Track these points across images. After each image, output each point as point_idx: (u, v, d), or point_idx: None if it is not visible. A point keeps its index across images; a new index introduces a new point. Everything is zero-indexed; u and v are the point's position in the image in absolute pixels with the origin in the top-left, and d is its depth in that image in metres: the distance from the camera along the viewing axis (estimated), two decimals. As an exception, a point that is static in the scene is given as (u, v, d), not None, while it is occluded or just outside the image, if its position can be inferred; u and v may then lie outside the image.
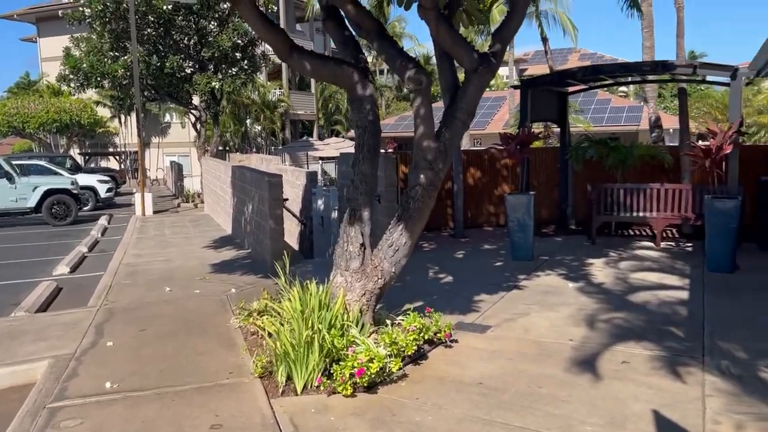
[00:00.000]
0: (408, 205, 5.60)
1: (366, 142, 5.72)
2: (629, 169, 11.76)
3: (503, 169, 12.84)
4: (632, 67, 9.08)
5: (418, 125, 5.58)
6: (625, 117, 31.15)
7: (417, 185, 5.59)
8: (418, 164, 5.60)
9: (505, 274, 8.66)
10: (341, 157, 12.72)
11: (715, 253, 8.33)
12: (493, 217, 12.90)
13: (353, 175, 5.74)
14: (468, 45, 5.68)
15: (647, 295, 7.40)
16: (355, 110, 5.76)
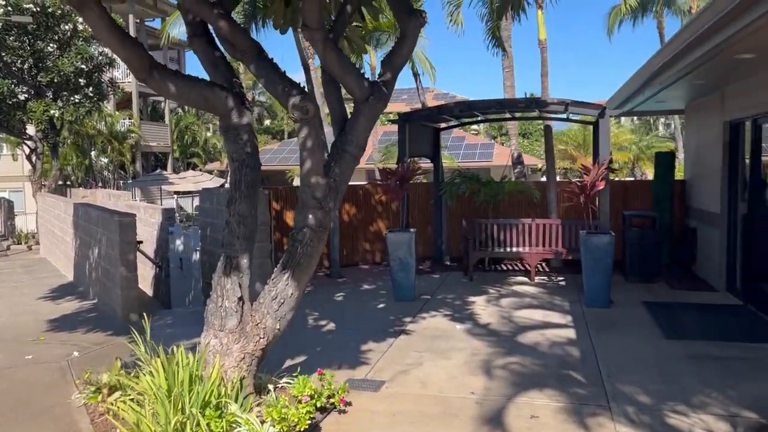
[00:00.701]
0: (295, 250, 4.86)
1: (243, 177, 4.94)
2: (500, 204, 11.87)
3: (378, 204, 12.44)
4: (507, 103, 9.13)
5: (304, 159, 4.90)
6: (479, 153, 32.71)
7: (305, 227, 4.88)
8: (306, 203, 4.91)
9: (390, 317, 8.12)
10: (203, 193, 11.63)
11: (593, 288, 8.40)
12: (368, 254, 12.41)
13: (229, 215, 4.91)
14: (358, 72, 5.13)
15: (536, 335, 7.19)
16: (230, 141, 4.96)
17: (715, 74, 7.74)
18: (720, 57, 6.35)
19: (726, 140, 9.17)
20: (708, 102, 9.92)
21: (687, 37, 6.08)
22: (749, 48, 6.08)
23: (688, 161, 11.57)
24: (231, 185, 4.98)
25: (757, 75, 7.72)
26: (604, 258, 8.29)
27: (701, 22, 5.72)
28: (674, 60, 6.77)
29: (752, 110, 8.06)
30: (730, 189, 9.16)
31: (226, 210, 4.93)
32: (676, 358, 6.18)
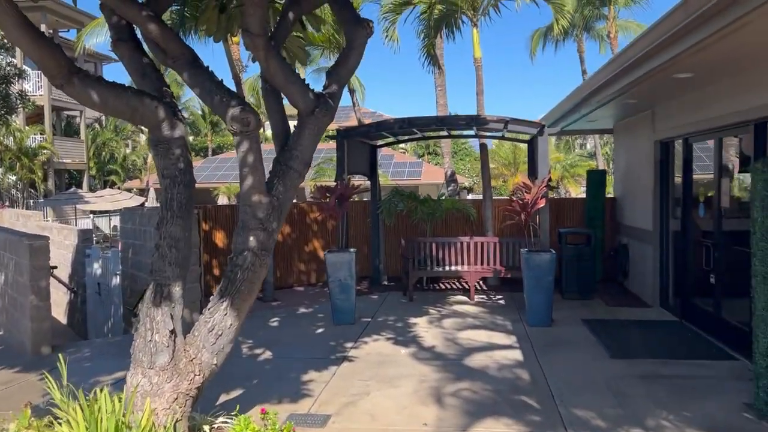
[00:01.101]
0: (234, 275, 4.42)
1: (176, 196, 4.47)
2: (437, 222, 11.73)
3: (313, 223, 12.02)
4: (448, 120, 9.00)
5: (245, 176, 4.48)
6: (408, 172, 32.87)
7: (246, 250, 4.45)
8: (247, 224, 4.48)
9: (330, 342, 7.71)
10: (125, 213, 10.87)
11: (535, 307, 8.31)
12: (303, 275, 11.95)
13: (159, 238, 4.42)
14: (303, 83, 4.78)
15: (483, 357, 6.98)
16: (160, 156, 4.49)
17: (650, 93, 7.88)
18: (660, 75, 6.42)
19: (657, 159, 9.37)
20: (638, 121, 10.16)
21: (631, 55, 6.10)
22: (688, 68, 6.17)
23: (618, 179, 11.83)
24: (162, 204, 4.50)
25: (686, 96, 7.92)
26: (545, 276, 8.23)
27: (646, 41, 5.74)
28: (617, 78, 6.81)
29: (682, 130, 8.25)
30: (662, 207, 9.35)
31: (155, 232, 4.44)
32: (625, 378, 6.09)
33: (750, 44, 5.37)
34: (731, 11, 4.33)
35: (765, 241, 4.96)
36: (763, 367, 5.03)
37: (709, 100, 7.25)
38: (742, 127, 6.62)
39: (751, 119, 6.29)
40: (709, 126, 7.30)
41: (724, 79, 6.67)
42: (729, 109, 6.70)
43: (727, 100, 6.71)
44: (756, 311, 5.08)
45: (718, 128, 7.19)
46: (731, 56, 5.76)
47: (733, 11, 4.32)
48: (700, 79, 6.58)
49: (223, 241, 11.33)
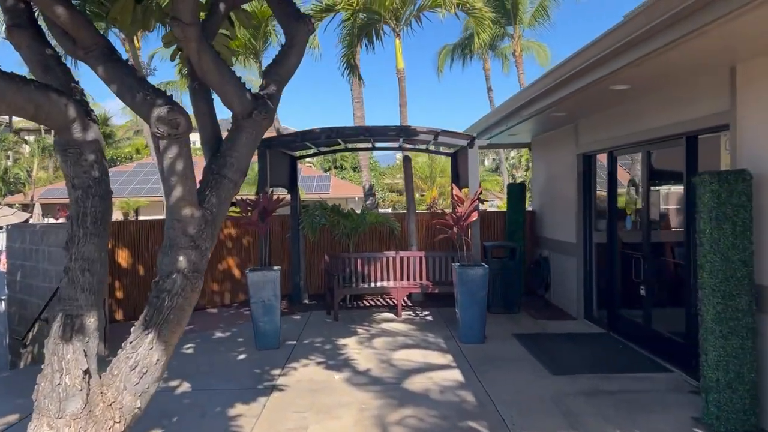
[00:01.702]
0: (161, 303, 3.79)
1: (90, 210, 3.79)
2: (359, 237, 11.35)
3: (227, 239, 11.26)
4: (377, 131, 8.63)
5: (173, 186, 3.87)
6: (315, 186, 32.43)
7: (175, 272, 3.83)
8: (176, 241, 3.87)
9: (255, 370, 7.08)
10: (13, 230, 9.67)
11: (468, 323, 8.07)
12: (216, 296, 11.13)
13: (69, 260, 3.71)
14: (240, 82, 4.24)
15: (422, 379, 6.61)
16: (70, 162, 3.79)
17: (582, 106, 7.89)
18: (598, 87, 6.39)
19: (580, 172, 9.48)
20: (560, 135, 10.27)
21: (572, 67, 6.02)
22: (626, 80, 6.16)
23: (537, 192, 11.95)
24: (72, 220, 3.80)
25: (613, 110, 8.02)
26: (479, 291, 8.02)
27: (586, 56, 5.67)
28: (555, 89, 6.73)
29: (608, 143, 8.35)
30: (585, 219, 9.45)
31: (65, 252, 3.73)
32: (570, 396, 5.92)
33: (683, 61, 5.41)
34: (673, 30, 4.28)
35: (714, 254, 4.93)
36: (713, 381, 4.98)
37: (637, 114, 7.34)
38: (672, 140, 6.70)
39: (683, 132, 6.37)
40: (638, 139, 7.39)
41: (655, 94, 6.74)
42: (659, 123, 6.78)
43: (659, 114, 6.79)
44: (705, 324, 5.04)
45: (646, 141, 7.28)
46: (666, 71, 5.80)
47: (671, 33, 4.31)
48: (635, 91, 6.61)
49: (128, 261, 10.35)
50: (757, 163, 5.00)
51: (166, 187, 3.89)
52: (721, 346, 4.92)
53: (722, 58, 5.29)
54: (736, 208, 4.89)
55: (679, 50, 4.99)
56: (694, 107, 6.03)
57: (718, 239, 4.91)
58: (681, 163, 6.62)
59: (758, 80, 5.09)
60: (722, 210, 4.90)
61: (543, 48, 29.57)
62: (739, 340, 4.90)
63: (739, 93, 5.28)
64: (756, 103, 5.11)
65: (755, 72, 5.12)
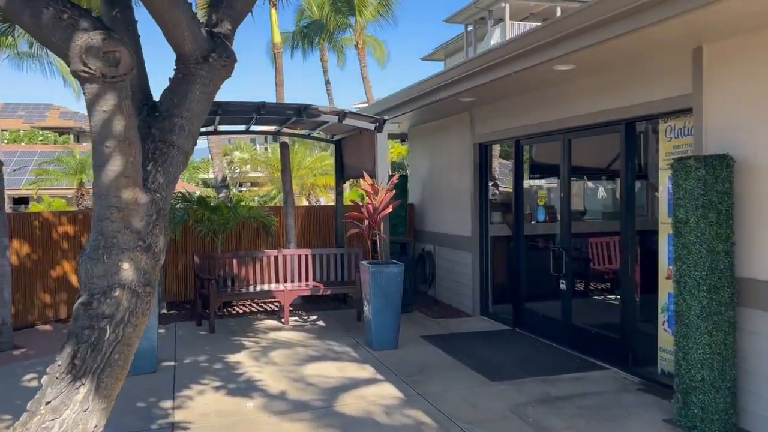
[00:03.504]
0: (99, 336, 2.44)
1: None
2: (228, 234, 9.94)
3: (63, 239, 9.14)
4: (273, 109, 7.34)
5: (108, 156, 2.55)
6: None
7: (116, 287, 2.51)
8: (115, 240, 2.56)
9: (138, 404, 5.55)
10: None
11: (382, 327, 7.21)
12: (50, 309, 8.97)
13: None
14: (194, 15, 2.95)
15: (355, 399, 5.63)
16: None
17: (503, 90, 7.39)
18: (540, 68, 5.90)
19: (476, 162, 9.07)
20: (448, 124, 9.80)
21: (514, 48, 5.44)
22: (571, 60, 5.72)
23: (417, 184, 11.42)
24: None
25: (521, 97, 7.68)
26: (394, 291, 7.20)
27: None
28: (486, 71, 6.13)
29: (516, 132, 7.99)
30: (482, 212, 9.07)
31: None
32: (530, 407, 5.34)
33: (640, 44, 5.11)
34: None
35: (699, 245, 4.60)
36: (697, 380, 4.66)
37: (558, 100, 7.01)
38: (606, 127, 6.43)
39: (624, 119, 6.11)
40: (559, 127, 7.07)
41: (593, 77, 6.41)
42: (592, 108, 6.48)
43: (592, 99, 6.48)
44: (685, 320, 4.71)
45: (568, 129, 6.98)
46: (618, 53, 5.46)
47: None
48: (572, 73, 6.22)
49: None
50: (731, 149, 4.78)
51: (96, 157, 2.52)
52: (706, 343, 4.62)
53: (686, 40, 5.03)
54: (720, 196, 4.61)
55: (638, 34, 4.65)
56: (643, 90, 5.76)
57: (704, 229, 4.60)
58: (610, 151, 6.39)
59: (729, 61, 4.87)
60: (708, 197, 4.59)
61: (379, 43, 29.60)
62: (722, 335, 4.63)
63: (706, 75, 5.05)
64: (727, 85, 4.89)
65: (726, 53, 4.90)
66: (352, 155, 9.38)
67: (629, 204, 6.17)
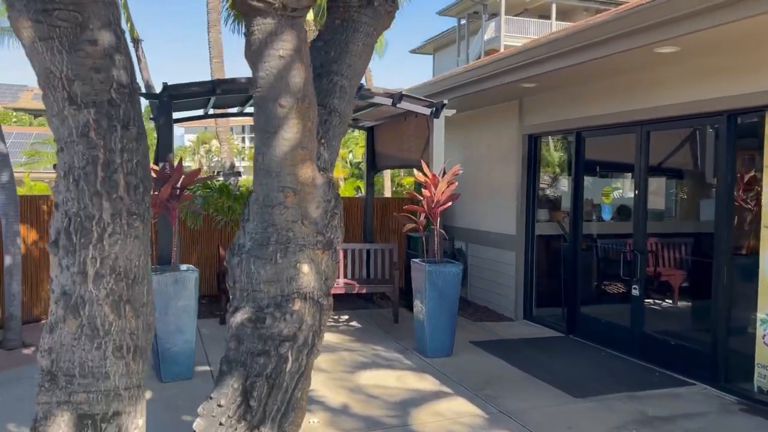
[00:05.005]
0: (279, 365, 1.74)
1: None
2: (248, 224, 9.18)
3: (72, 226, 8.29)
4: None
5: (280, 122, 1.83)
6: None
7: (293, 296, 1.80)
8: (291, 234, 1.85)
9: (185, 417, 4.84)
10: None
11: (437, 332, 6.57)
12: (56, 302, 8.13)
13: (76, 275, 1.51)
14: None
15: (428, 417, 4.99)
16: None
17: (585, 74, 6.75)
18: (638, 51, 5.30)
19: (525, 155, 8.45)
20: (491, 113, 9.16)
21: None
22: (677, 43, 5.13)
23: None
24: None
25: (585, 86, 7.09)
26: (452, 293, 6.56)
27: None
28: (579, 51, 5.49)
29: (577, 123, 7.40)
30: (529, 209, 8.46)
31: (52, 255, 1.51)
32: (630, 430, 4.75)
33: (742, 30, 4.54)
34: None
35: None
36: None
37: (637, 89, 6.42)
38: (704, 119, 5.85)
39: (724, 110, 5.53)
40: (636, 118, 6.47)
41: (699, 59, 5.80)
42: (685, 98, 5.89)
43: (690, 87, 5.88)
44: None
45: (649, 121, 6.39)
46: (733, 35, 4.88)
47: None
48: (678, 56, 5.61)
49: None
50: None
51: (264, 121, 1.82)
52: None
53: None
54: None
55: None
56: (755, 78, 5.17)
57: None
58: (699, 145, 5.83)
59: None
60: None
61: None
62: None
63: None
64: None
65: None
66: (389, 143, 8.70)
67: (728, 206, 5.59)
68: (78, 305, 1.74)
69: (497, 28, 34.20)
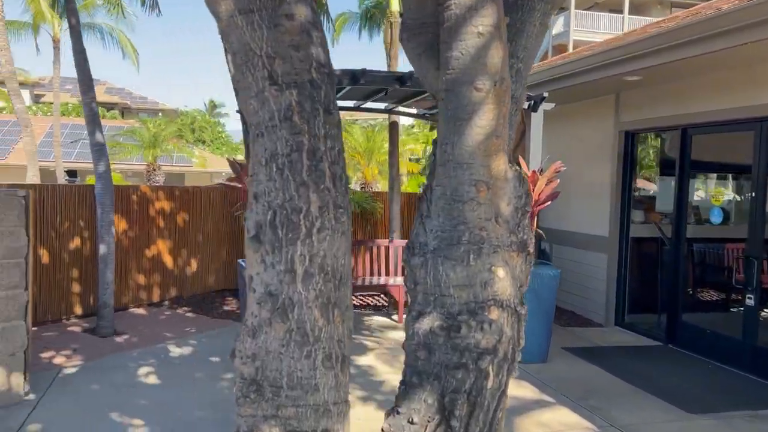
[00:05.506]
0: (477, 383, 1.54)
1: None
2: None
3: (159, 216, 8.42)
4: (418, 81, 6.41)
5: (475, 106, 1.61)
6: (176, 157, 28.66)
7: (489, 303, 1.60)
8: (485, 234, 1.61)
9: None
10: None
11: (531, 338, 6.21)
12: (143, 291, 8.27)
13: (282, 276, 1.32)
14: None
15: (534, 427, 4.72)
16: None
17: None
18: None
19: (620, 152, 8.02)
20: (582, 108, 8.74)
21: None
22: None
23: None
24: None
25: (705, 77, 6.61)
26: (548, 297, 6.26)
27: None
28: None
29: (679, 120, 6.93)
30: (624, 209, 8.02)
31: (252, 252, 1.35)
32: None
33: None
34: None
35: None
36: None
37: (757, 83, 5.92)
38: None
39: None
40: (753, 115, 5.98)
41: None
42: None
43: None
44: None
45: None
46: None
47: None
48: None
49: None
50: None
51: (456, 106, 1.60)
52: None
53: None
54: None
55: None
56: None
57: None
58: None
59: None
60: None
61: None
62: None
63: None
64: None
65: None
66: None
67: None
68: (286, 307, 1.58)
69: (566, 22, 33.26)
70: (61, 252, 7.27)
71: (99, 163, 6.70)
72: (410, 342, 1.77)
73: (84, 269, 7.45)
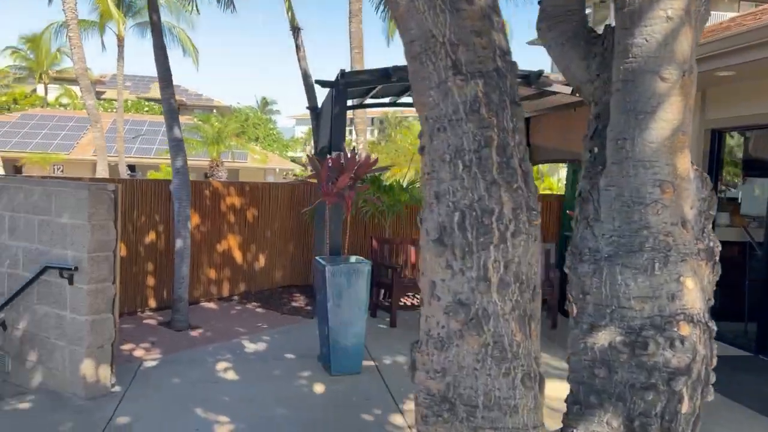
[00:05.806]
0: (669, 407, 1.38)
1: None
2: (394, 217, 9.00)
3: (230, 211, 8.49)
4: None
5: (660, 98, 1.44)
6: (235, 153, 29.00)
7: (679, 318, 1.45)
8: (671, 240, 1.45)
9: (365, 417, 4.66)
10: None
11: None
12: (213, 286, 8.36)
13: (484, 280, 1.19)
14: None
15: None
16: None
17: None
18: None
19: (706, 151, 7.62)
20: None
21: None
22: None
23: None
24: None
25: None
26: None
27: None
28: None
29: None
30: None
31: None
32: None
33: None
34: None
35: None
36: None
37: None
38: None
39: None
40: None
41: None
42: None
43: None
44: None
45: None
46: None
47: None
48: None
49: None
50: None
51: (637, 97, 1.42)
52: None
53: None
54: None
55: None
56: None
57: None
58: None
59: None
60: None
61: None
62: None
63: None
64: None
65: None
66: (550, 135, 8.17)
67: None
68: (480, 319, 1.47)
69: (629, 17, 32.36)
70: (137, 246, 7.39)
71: (177, 158, 6.77)
72: (582, 357, 1.62)
73: (158, 263, 7.56)
